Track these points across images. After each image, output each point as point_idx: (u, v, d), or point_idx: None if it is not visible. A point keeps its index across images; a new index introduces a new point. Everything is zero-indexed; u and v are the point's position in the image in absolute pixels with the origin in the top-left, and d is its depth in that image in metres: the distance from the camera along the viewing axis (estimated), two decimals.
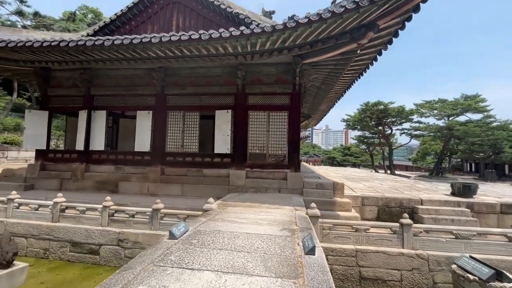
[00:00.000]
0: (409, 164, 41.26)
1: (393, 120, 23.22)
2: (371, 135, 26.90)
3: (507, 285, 3.72)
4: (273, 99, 9.00)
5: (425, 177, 19.19)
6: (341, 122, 28.62)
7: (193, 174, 9.16)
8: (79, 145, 9.79)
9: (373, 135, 26.61)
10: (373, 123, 24.12)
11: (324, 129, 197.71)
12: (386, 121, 23.27)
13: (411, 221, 5.57)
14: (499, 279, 3.74)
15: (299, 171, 8.68)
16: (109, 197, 6.63)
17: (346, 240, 5.68)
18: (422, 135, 24.22)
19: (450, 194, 9.35)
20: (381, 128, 23.88)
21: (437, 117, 21.51)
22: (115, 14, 10.73)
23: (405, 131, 23.63)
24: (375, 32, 6.47)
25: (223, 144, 8.88)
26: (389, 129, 23.91)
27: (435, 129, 21.03)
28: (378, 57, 8.38)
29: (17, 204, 6.91)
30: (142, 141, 9.41)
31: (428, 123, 22.14)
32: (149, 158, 9.51)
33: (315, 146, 78.49)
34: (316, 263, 2.94)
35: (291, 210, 6.01)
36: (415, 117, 22.64)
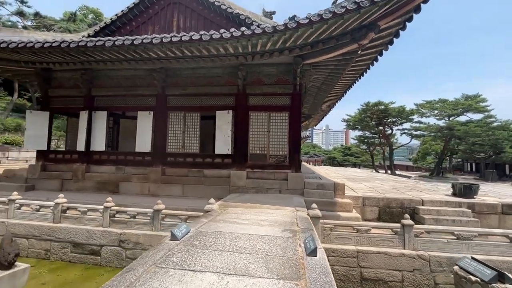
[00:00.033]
0: (409, 164, 41.17)
1: (393, 120, 23.19)
2: (371, 135, 26.85)
3: (509, 286, 3.71)
4: (273, 100, 8.99)
5: (425, 177, 19.16)
6: (342, 122, 28.58)
7: (194, 174, 9.16)
8: (80, 146, 9.80)
9: (374, 135, 26.57)
10: (374, 123, 24.09)
11: (324, 129, 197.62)
12: (386, 121, 23.24)
13: (412, 222, 5.57)
14: (501, 280, 3.73)
15: (300, 171, 8.68)
16: (110, 198, 6.63)
17: (347, 241, 5.68)
18: (422, 135, 24.18)
19: (451, 194, 9.34)
20: (382, 128, 23.85)
21: (438, 117, 21.47)
22: (116, 14, 10.74)
23: (406, 131, 23.62)
24: (376, 32, 6.46)
25: (224, 144, 8.87)
26: (389, 129, 23.89)
27: (436, 129, 21.00)
28: (379, 57, 8.37)
29: (18, 204, 6.91)
30: (143, 142, 9.42)
31: (428, 123, 22.12)
32: (150, 158, 9.52)
33: (316, 146, 78.39)
34: (318, 265, 2.94)
35: (292, 210, 6.02)
36: (416, 117, 22.62)
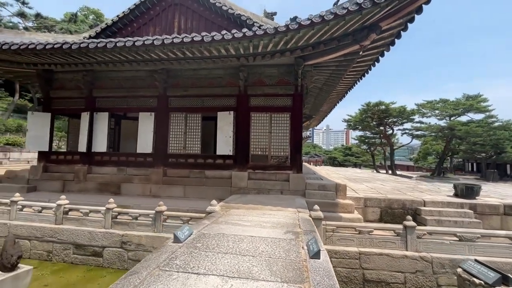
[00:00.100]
0: (410, 164, 41.11)
1: (394, 120, 23.18)
2: (372, 135, 26.84)
3: None
4: (275, 101, 8.99)
5: (426, 178, 19.13)
6: (342, 122, 28.56)
7: (195, 175, 9.17)
8: (82, 147, 9.82)
9: (374, 135, 26.56)
10: (374, 123, 24.09)
11: (325, 129, 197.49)
12: (387, 121, 23.24)
13: (414, 223, 5.55)
14: (505, 283, 3.71)
15: (301, 172, 8.68)
16: (112, 199, 6.63)
17: (349, 242, 5.67)
18: (423, 135, 24.15)
19: (453, 195, 9.32)
20: (383, 128, 23.85)
21: (439, 117, 21.44)
22: (117, 16, 10.75)
23: (407, 131, 23.61)
24: (378, 33, 6.44)
25: (225, 145, 8.87)
26: (390, 129, 23.88)
27: (437, 129, 20.98)
28: (380, 58, 8.37)
29: (20, 206, 6.92)
30: (144, 143, 9.43)
31: (429, 123, 22.09)
32: (151, 159, 9.53)
33: (316, 146, 78.38)
34: (321, 267, 2.93)
35: (294, 212, 6.01)
36: (417, 117, 22.61)
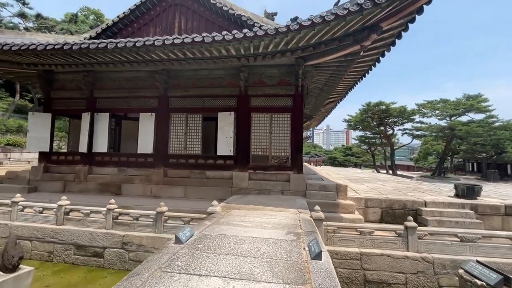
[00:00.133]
0: (410, 164, 41.08)
1: (394, 120, 23.18)
2: (372, 135, 26.84)
3: None
4: (275, 101, 8.99)
5: (427, 178, 19.12)
6: (343, 122, 28.57)
7: (196, 176, 9.16)
8: (82, 147, 9.82)
9: (375, 135, 26.56)
10: (375, 123, 24.08)
11: (325, 129, 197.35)
12: (387, 121, 23.23)
13: (415, 224, 5.54)
14: (507, 284, 3.70)
15: (302, 172, 8.67)
16: (113, 200, 6.63)
17: (350, 243, 5.67)
18: (424, 135, 24.16)
19: (454, 195, 9.31)
20: (383, 128, 23.84)
21: (439, 117, 21.44)
22: (118, 16, 10.75)
23: (407, 131, 23.61)
24: (378, 34, 6.44)
25: (226, 146, 8.87)
26: (390, 129, 23.88)
27: (437, 129, 20.97)
28: (381, 58, 8.37)
29: (21, 207, 6.92)
30: (145, 143, 9.43)
31: (430, 123, 22.09)
32: (152, 160, 9.53)
33: (316, 146, 78.29)
34: (323, 269, 2.93)
35: (295, 212, 6.01)
36: (417, 117, 22.62)
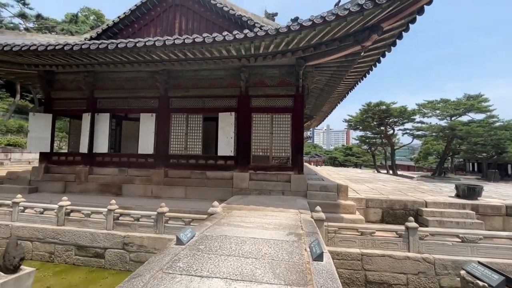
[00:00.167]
0: (411, 164, 41.01)
1: (395, 120, 23.17)
2: (373, 135, 26.83)
3: None
4: (276, 101, 8.98)
5: (427, 178, 19.10)
6: (343, 122, 28.56)
7: (196, 176, 9.16)
8: (83, 148, 9.83)
9: (375, 135, 26.54)
10: (375, 123, 24.07)
11: (325, 129, 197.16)
12: (388, 121, 23.23)
13: (416, 224, 5.54)
14: (509, 285, 3.69)
15: (302, 173, 8.67)
16: (113, 200, 6.63)
17: (351, 243, 5.67)
18: (424, 135, 24.14)
19: (454, 196, 9.30)
20: (383, 128, 23.84)
21: (440, 117, 21.41)
22: (118, 17, 10.76)
23: (407, 131, 23.60)
24: (379, 34, 6.43)
25: (226, 146, 8.87)
26: (391, 129, 23.87)
27: (438, 129, 20.96)
28: (381, 59, 8.36)
29: (22, 207, 6.93)
30: (145, 144, 9.43)
31: (430, 123, 22.07)
32: (153, 160, 9.53)
33: (317, 146, 78.23)
34: (324, 270, 2.93)
35: (296, 213, 6.01)
36: (417, 117, 22.58)
